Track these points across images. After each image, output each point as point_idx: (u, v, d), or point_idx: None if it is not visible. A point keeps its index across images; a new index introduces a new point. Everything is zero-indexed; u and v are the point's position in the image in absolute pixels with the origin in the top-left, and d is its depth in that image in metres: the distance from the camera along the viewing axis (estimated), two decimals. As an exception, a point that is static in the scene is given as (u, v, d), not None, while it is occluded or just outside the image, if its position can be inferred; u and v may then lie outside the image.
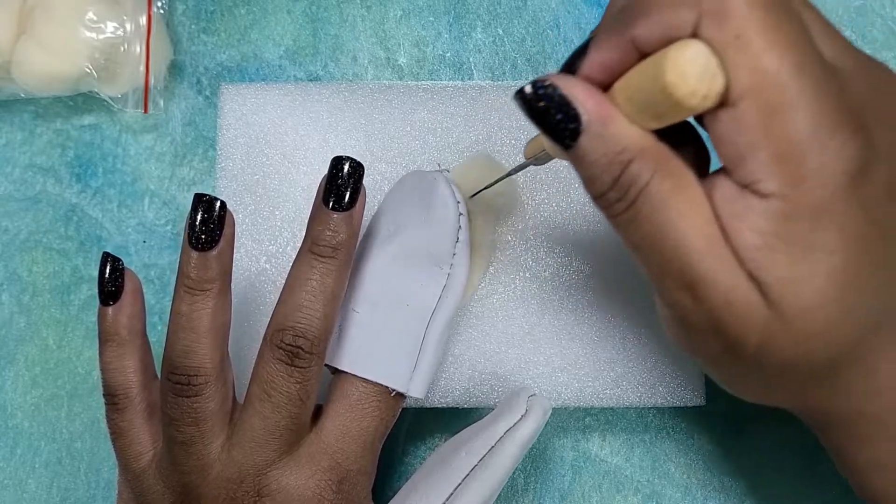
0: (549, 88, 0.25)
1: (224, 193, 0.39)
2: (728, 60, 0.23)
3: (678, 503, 0.39)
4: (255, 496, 0.31)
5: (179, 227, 0.42)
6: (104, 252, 0.34)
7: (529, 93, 0.25)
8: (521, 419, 0.32)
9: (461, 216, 0.34)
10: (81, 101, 0.42)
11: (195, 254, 0.31)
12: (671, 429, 0.40)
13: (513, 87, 0.38)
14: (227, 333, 0.32)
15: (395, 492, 0.34)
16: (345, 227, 0.32)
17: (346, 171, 0.32)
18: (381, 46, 0.43)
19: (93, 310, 0.41)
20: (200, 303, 0.31)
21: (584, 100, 0.25)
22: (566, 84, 0.25)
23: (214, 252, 0.31)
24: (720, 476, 0.40)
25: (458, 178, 0.37)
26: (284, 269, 0.34)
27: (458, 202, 0.34)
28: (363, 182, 0.32)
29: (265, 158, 0.39)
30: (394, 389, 0.33)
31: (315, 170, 0.39)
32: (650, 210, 0.25)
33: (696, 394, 0.37)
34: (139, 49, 0.41)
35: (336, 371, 0.34)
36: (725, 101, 0.24)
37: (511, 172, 0.35)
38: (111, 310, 0.33)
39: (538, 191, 0.39)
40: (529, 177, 0.39)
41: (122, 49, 0.40)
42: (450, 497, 0.31)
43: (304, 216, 0.33)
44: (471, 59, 0.43)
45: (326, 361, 0.33)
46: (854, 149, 0.23)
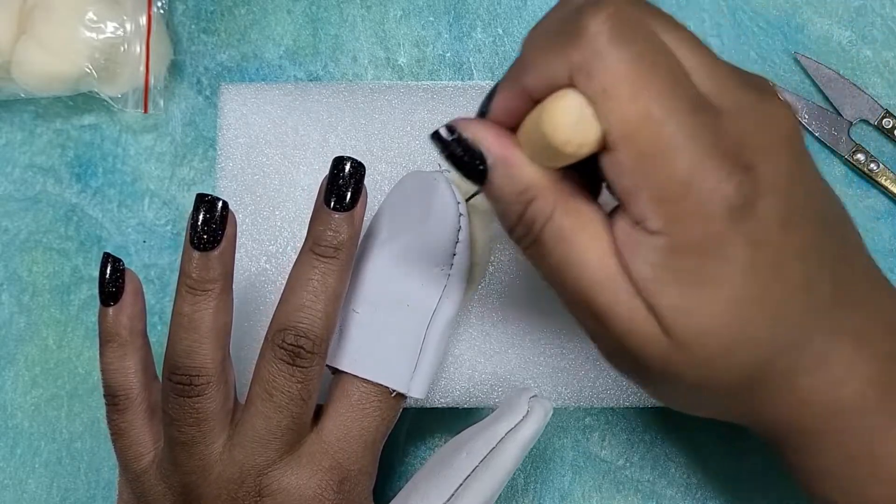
0: (458, 132, 0.27)
1: (224, 193, 0.39)
2: (599, 111, 0.24)
3: (678, 503, 0.39)
4: (256, 496, 0.31)
5: (180, 227, 0.42)
6: (105, 252, 0.34)
7: (444, 135, 0.27)
8: (523, 420, 0.32)
9: (461, 217, 0.34)
10: (81, 101, 0.42)
11: (197, 254, 0.31)
12: (671, 429, 0.40)
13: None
14: (229, 333, 0.32)
15: (396, 492, 0.34)
16: (346, 228, 0.32)
17: (348, 172, 0.32)
18: (381, 46, 0.43)
19: (93, 310, 0.41)
20: (202, 303, 0.31)
21: (489, 142, 0.27)
22: (473, 128, 0.27)
23: (216, 252, 0.31)
24: (720, 476, 0.40)
25: (459, 179, 0.37)
26: (285, 269, 0.34)
27: (459, 203, 0.34)
28: (364, 182, 0.32)
29: (265, 158, 0.39)
30: (394, 390, 0.33)
31: (315, 170, 0.39)
32: (553, 245, 0.26)
33: (696, 394, 0.37)
34: (139, 49, 0.41)
35: (337, 371, 0.34)
36: (606, 147, 0.24)
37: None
38: (112, 310, 0.33)
39: (538, 191, 0.39)
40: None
41: (122, 49, 0.40)
42: (451, 498, 0.32)
43: (305, 216, 0.33)
44: (471, 59, 0.43)
45: (327, 362, 0.33)
46: (733, 186, 0.24)
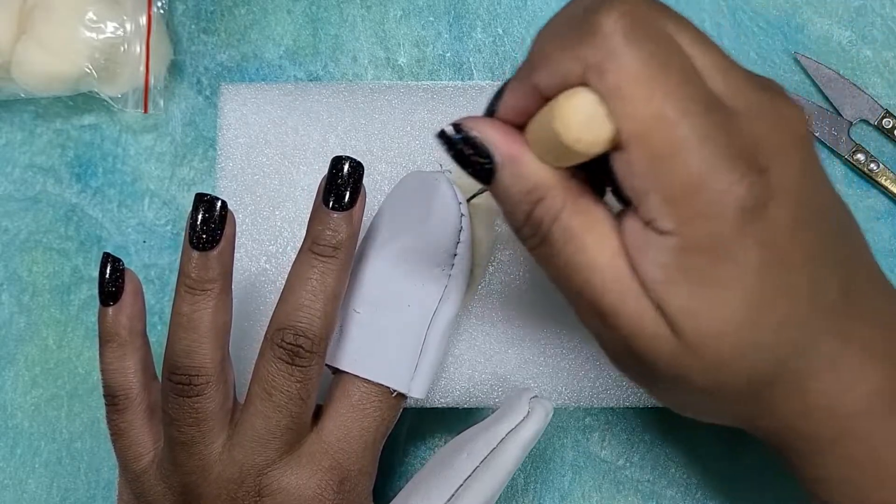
0: (465, 130, 0.27)
1: (224, 193, 0.39)
2: (612, 109, 0.24)
3: (678, 503, 0.39)
4: (256, 496, 0.31)
5: (179, 227, 0.42)
6: (104, 252, 0.34)
7: (450, 134, 0.27)
8: (523, 421, 0.32)
9: (462, 217, 0.34)
10: (81, 101, 0.42)
11: (196, 254, 0.31)
12: (671, 429, 0.40)
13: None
14: (228, 333, 0.32)
15: (396, 492, 0.34)
16: (345, 227, 0.32)
17: (346, 171, 0.32)
18: (381, 46, 0.43)
19: (93, 310, 0.41)
20: (201, 303, 0.31)
21: (497, 141, 0.26)
22: (481, 126, 0.27)
23: (215, 252, 0.31)
24: (720, 476, 0.40)
25: (460, 179, 0.37)
26: (284, 269, 0.34)
27: (460, 203, 0.34)
28: (363, 182, 0.32)
29: (265, 158, 0.39)
30: (395, 390, 0.33)
31: (315, 170, 0.39)
32: (560, 245, 0.26)
33: (697, 394, 0.37)
34: (139, 49, 0.40)
35: (337, 371, 0.34)
36: (618, 146, 0.24)
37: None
38: (111, 310, 0.33)
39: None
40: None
41: (122, 49, 0.40)
42: (451, 498, 0.31)
43: (305, 216, 0.33)
44: (471, 59, 0.43)
45: (327, 362, 0.33)
46: (745, 187, 0.24)
